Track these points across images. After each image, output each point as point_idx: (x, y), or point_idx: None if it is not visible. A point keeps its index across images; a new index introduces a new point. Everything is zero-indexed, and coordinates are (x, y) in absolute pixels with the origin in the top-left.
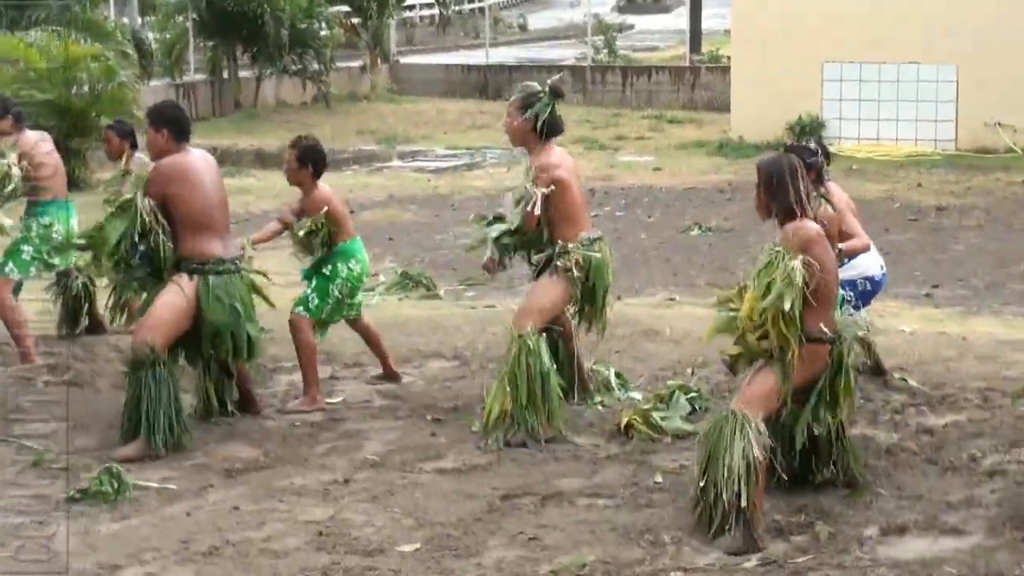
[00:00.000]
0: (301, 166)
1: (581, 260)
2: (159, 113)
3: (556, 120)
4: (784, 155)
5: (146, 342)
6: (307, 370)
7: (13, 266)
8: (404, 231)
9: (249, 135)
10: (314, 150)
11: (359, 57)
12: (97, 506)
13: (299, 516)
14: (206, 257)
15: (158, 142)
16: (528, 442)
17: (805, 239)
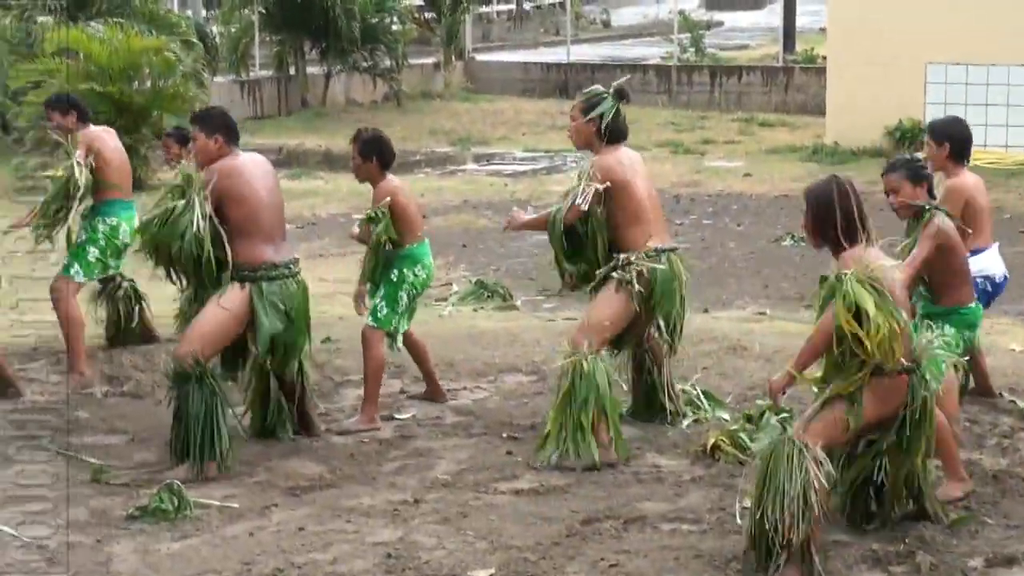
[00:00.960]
0: (365, 159)
1: (645, 272)
2: (210, 120)
3: (620, 123)
4: (833, 180)
5: (191, 354)
6: (370, 385)
7: (79, 268)
8: (479, 238)
9: (316, 135)
10: (376, 141)
11: (433, 54)
12: (157, 524)
13: (367, 537)
14: (258, 263)
15: (210, 149)
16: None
17: (864, 268)
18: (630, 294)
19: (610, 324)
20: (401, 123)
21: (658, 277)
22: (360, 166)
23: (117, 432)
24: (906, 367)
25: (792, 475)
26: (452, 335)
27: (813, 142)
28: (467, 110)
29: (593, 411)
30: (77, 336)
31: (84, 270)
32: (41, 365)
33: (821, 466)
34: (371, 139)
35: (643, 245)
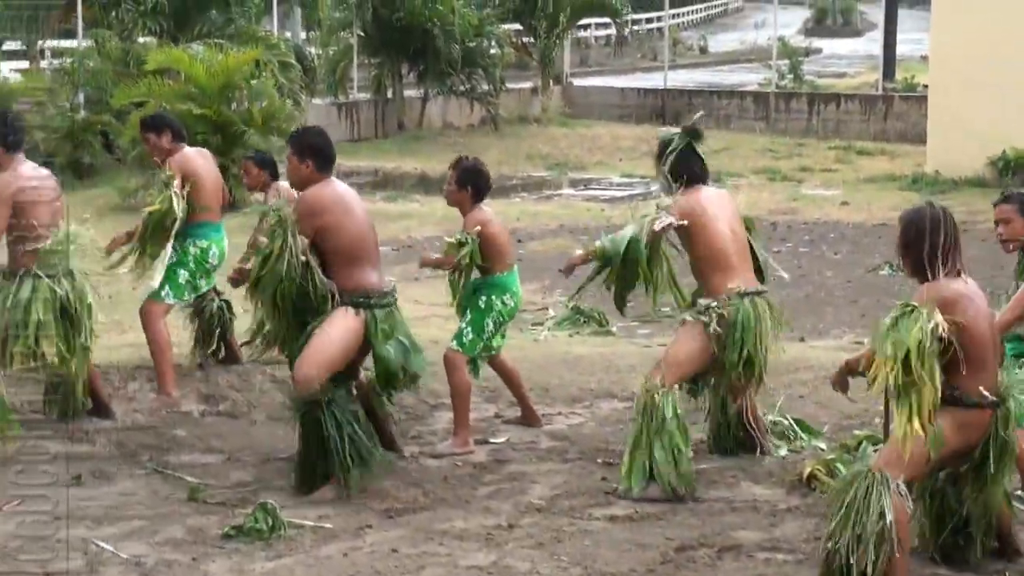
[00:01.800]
0: (460, 188)
1: (726, 315)
2: (303, 142)
3: (692, 163)
4: (928, 206)
5: (313, 379)
6: (459, 409)
7: (169, 290)
8: None
9: (413, 158)
10: (475, 171)
11: (530, 78)
12: (252, 544)
13: (460, 561)
14: (369, 290)
15: (302, 172)
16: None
17: (940, 300)
18: (709, 336)
19: (686, 362)
20: (498, 147)
21: (739, 320)
22: (454, 192)
23: (213, 451)
24: (990, 401)
25: (871, 507)
26: (548, 360)
27: (913, 171)
28: (564, 135)
29: (662, 445)
30: (165, 358)
31: (174, 292)
32: (140, 384)
33: (902, 499)
34: (470, 169)
35: (724, 289)
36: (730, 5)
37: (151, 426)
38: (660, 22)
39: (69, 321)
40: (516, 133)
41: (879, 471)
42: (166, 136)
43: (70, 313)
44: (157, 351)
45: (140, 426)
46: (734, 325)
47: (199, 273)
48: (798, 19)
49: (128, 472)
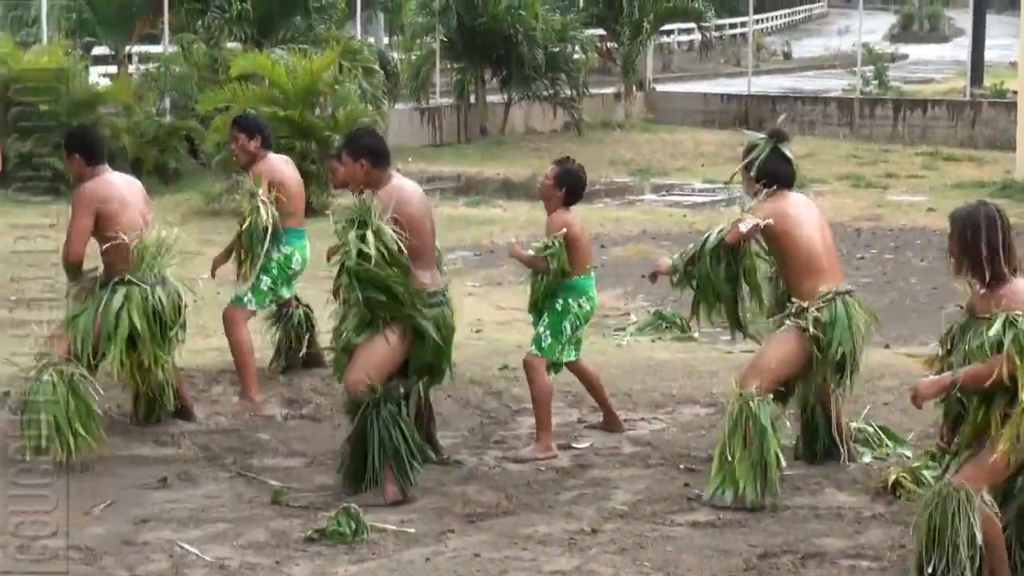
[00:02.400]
0: (556, 185)
1: (821, 317)
2: (356, 143)
3: (778, 167)
4: (982, 205)
5: (362, 381)
6: (540, 413)
7: (251, 296)
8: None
9: (495, 163)
10: (576, 176)
11: (613, 83)
12: (334, 547)
13: (543, 566)
14: (422, 289)
15: (358, 173)
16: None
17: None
18: (805, 339)
19: (780, 367)
20: (580, 153)
21: (835, 322)
22: (549, 187)
23: (296, 455)
24: None
25: (960, 524)
26: (630, 365)
27: (1002, 178)
28: (647, 140)
29: (756, 452)
30: (247, 363)
31: (256, 299)
32: (223, 388)
33: (989, 507)
34: (572, 172)
35: (817, 292)
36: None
37: (235, 430)
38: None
39: (160, 327)
40: (599, 138)
41: (963, 487)
42: (256, 140)
43: (162, 320)
44: (240, 356)
45: (224, 429)
46: (830, 326)
47: (281, 280)
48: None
49: (212, 475)
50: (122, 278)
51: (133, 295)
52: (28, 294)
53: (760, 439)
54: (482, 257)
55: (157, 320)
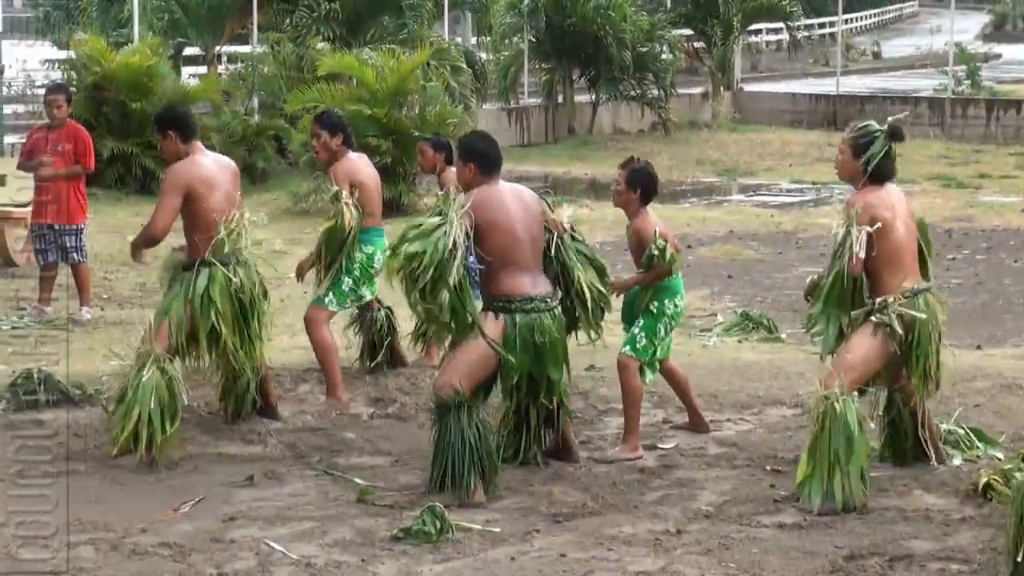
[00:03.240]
0: (629, 188)
1: (904, 315)
2: (468, 147)
3: (888, 163)
4: None
5: (450, 385)
6: (631, 415)
7: (333, 297)
8: (744, 269)
9: (583, 162)
10: (645, 173)
11: (700, 83)
12: (420, 546)
13: (629, 566)
14: (514, 294)
15: (465, 175)
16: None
17: None
18: (888, 337)
19: (863, 366)
20: (668, 152)
21: (917, 319)
22: (622, 193)
23: (382, 453)
24: None
25: None
26: (716, 366)
27: None
28: (734, 140)
29: (844, 452)
30: (332, 362)
31: (338, 300)
32: (310, 387)
33: None
34: (640, 170)
35: (899, 287)
36: (905, 10)
37: (321, 428)
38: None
39: (242, 311)
40: (686, 138)
41: None
42: (337, 138)
43: (243, 302)
44: (324, 356)
45: (310, 428)
46: (914, 323)
47: (363, 280)
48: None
49: (299, 473)
50: (204, 259)
51: (216, 276)
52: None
53: (847, 439)
54: None
55: (239, 303)
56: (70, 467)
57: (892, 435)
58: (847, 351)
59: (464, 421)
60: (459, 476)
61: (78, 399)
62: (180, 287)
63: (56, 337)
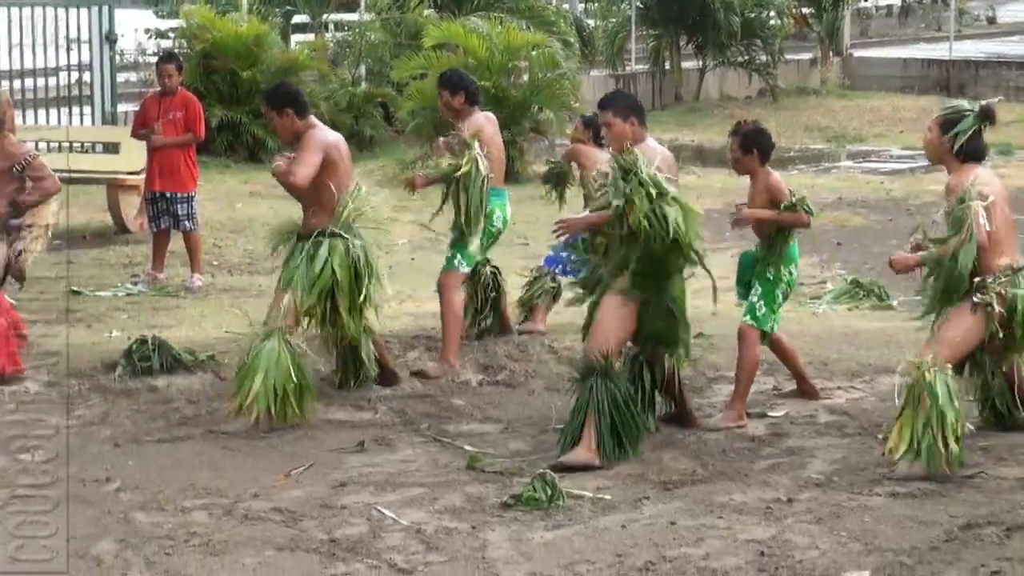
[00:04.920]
0: (745, 153)
1: (1004, 293)
2: (622, 103)
3: (980, 145)
4: None
5: (599, 350)
6: (743, 382)
7: (462, 259)
8: (854, 236)
9: (690, 129)
10: (757, 133)
11: (809, 50)
12: (530, 513)
13: (739, 534)
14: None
15: (626, 131)
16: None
17: None
18: (987, 315)
19: (960, 342)
20: (775, 119)
21: (1019, 296)
22: (740, 159)
23: (491, 420)
24: None
25: None
26: (826, 334)
27: None
28: (843, 107)
29: (934, 422)
30: (454, 328)
31: (467, 260)
32: (419, 353)
33: None
34: (752, 132)
35: (996, 266)
36: None
37: (430, 395)
38: None
39: (356, 280)
40: (794, 105)
41: None
42: (459, 96)
43: (359, 273)
44: (449, 320)
45: (419, 395)
46: (1016, 301)
47: (487, 239)
48: None
49: (408, 440)
50: (324, 229)
51: (337, 247)
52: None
53: (936, 409)
54: None
55: (355, 274)
56: (184, 432)
57: (996, 406)
58: (946, 327)
59: (606, 386)
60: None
61: (191, 365)
62: (301, 257)
63: (169, 304)
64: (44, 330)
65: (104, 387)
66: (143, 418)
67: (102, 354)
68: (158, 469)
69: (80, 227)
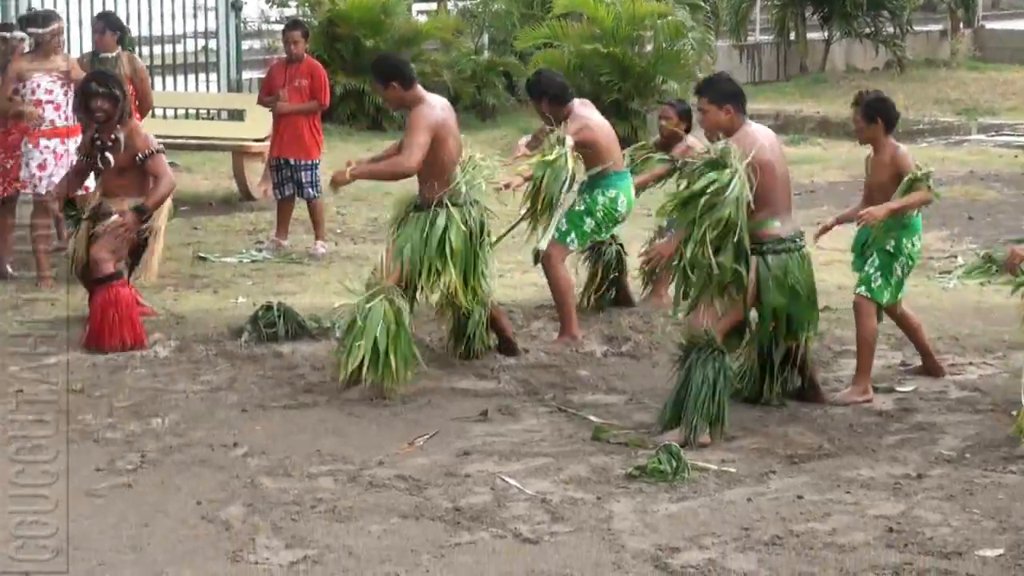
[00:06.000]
0: (869, 122)
1: None
2: (719, 88)
3: None
4: None
5: (703, 327)
6: (865, 356)
7: (575, 236)
8: (985, 210)
9: (815, 101)
10: (880, 102)
11: (939, 21)
12: (655, 485)
13: (868, 510)
14: (766, 236)
15: (721, 119)
16: None
17: None
18: None
19: None
20: (903, 91)
21: None
22: (864, 129)
23: (616, 392)
24: None
25: None
26: (957, 309)
27: None
28: (974, 79)
29: None
30: (567, 300)
31: (579, 239)
32: (543, 324)
33: None
34: (874, 101)
35: None
36: None
37: (554, 365)
38: None
39: (472, 250)
40: (922, 77)
41: None
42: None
43: (474, 243)
44: (560, 293)
45: (543, 365)
46: None
47: (606, 223)
48: None
49: (532, 410)
50: (440, 200)
51: (454, 217)
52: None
53: None
54: (802, 197)
55: (471, 243)
56: (309, 399)
57: None
58: None
59: (709, 364)
60: (691, 416)
61: (315, 332)
62: (415, 227)
63: (293, 271)
64: (172, 295)
65: (231, 353)
66: (269, 384)
67: (228, 320)
68: (284, 435)
69: (206, 194)
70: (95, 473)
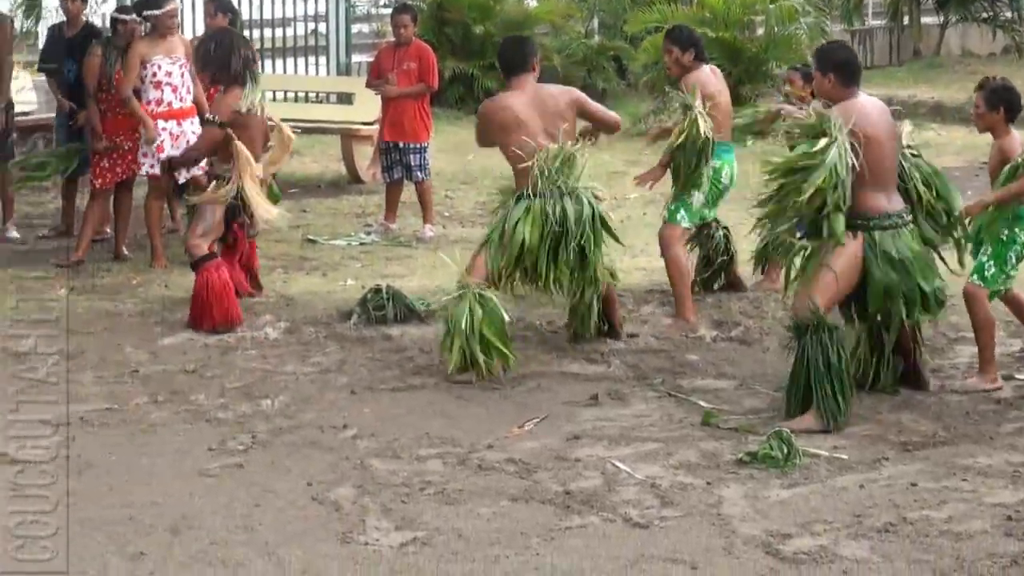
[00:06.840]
0: (990, 109)
1: None
2: (827, 56)
3: None
4: None
5: (809, 305)
6: (985, 344)
7: (684, 214)
8: None
9: (928, 85)
10: (1005, 90)
11: None
12: (766, 471)
13: (985, 498)
14: (871, 212)
15: (824, 87)
16: None
17: None
18: None
19: None
20: (1020, 76)
21: None
22: (984, 115)
23: (726, 377)
24: None
25: None
26: None
27: None
28: None
29: None
30: (683, 282)
31: (689, 216)
32: (652, 308)
33: None
34: (999, 88)
35: None
36: None
37: (663, 350)
38: None
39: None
40: None
41: None
42: (689, 53)
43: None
44: (676, 276)
45: (653, 349)
46: None
47: (712, 195)
48: None
49: (642, 394)
50: (523, 191)
51: (533, 208)
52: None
53: None
54: None
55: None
56: (418, 381)
57: None
58: None
59: (824, 342)
60: (820, 400)
61: (424, 315)
62: (502, 217)
63: (401, 253)
64: (282, 277)
65: (340, 335)
66: (378, 366)
67: (337, 302)
68: (393, 417)
69: (315, 176)
70: (207, 453)
